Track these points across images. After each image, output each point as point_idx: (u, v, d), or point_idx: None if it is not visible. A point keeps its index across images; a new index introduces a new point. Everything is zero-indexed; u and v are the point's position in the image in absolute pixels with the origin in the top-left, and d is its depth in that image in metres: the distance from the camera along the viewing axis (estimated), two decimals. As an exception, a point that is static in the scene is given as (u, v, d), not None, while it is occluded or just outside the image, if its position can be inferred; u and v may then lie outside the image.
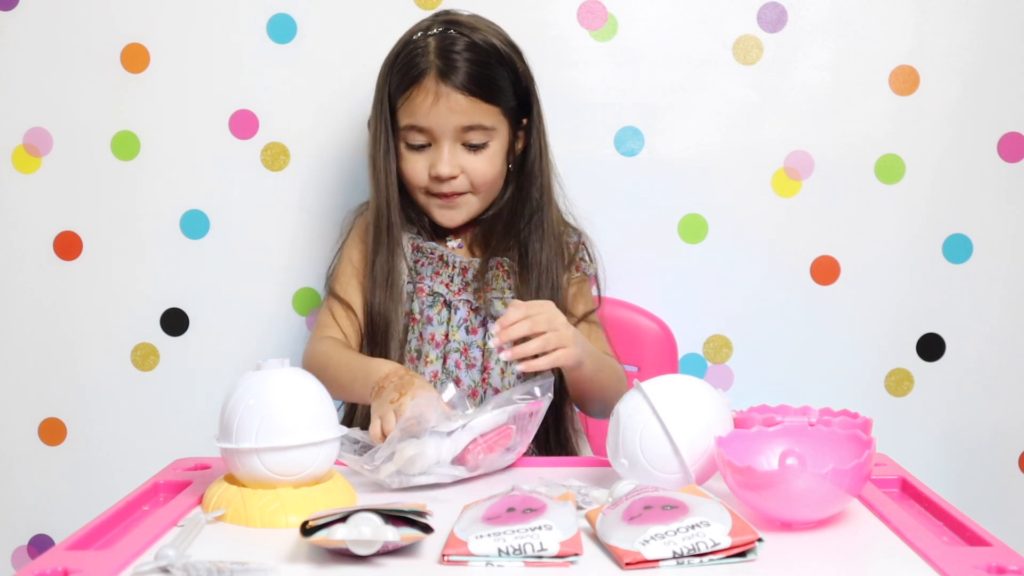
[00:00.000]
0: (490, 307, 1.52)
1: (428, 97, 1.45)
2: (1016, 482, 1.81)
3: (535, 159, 1.55)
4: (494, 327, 1.29)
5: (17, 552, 1.83)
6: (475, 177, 1.50)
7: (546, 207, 1.54)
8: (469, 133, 1.48)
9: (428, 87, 1.45)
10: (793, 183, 1.78)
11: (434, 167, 1.48)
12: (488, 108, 1.48)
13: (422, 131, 1.48)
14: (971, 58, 1.76)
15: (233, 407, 1.10)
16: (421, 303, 1.53)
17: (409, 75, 1.46)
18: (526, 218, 1.54)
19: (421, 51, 1.46)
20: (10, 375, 1.81)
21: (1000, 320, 1.79)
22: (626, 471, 1.14)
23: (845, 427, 1.14)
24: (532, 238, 1.53)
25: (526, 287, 1.51)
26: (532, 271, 1.52)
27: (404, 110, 1.48)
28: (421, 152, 1.50)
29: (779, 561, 0.95)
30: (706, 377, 1.80)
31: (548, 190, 1.55)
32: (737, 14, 1.76)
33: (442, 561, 0.94)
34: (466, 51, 1.46)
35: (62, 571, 0.91)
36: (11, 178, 1.78)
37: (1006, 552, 0.94)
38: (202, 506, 1.12)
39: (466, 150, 1.49)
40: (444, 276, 1.54)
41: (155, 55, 1.76)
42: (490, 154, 1.50)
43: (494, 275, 1.53)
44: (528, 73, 1.53)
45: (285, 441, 1.08)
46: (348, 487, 1.15)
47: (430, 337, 1.52)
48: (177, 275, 1.80)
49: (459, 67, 1.45)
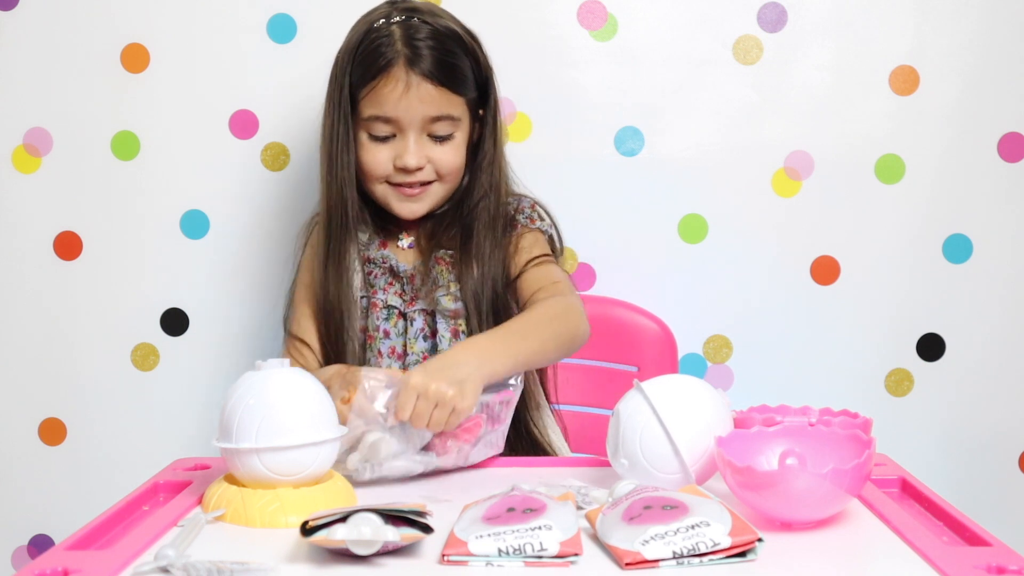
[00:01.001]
0: (437, 305, 1.48)
1: (397, 86, 1.41)
2: (1016, 482, 1.81)
3: (488, 149, 1.50)
4: None
5: (17, 552, 1.83)
6: (441, 168, 1.46)
7: (493, 196, 1.50)
8: (436, 124, 1.45)
9: (397, 76, 1.41)
10: (793, 183, 1.78)
11: (400, 158, 1.45)
12: (455, 99, 1.45)
13: (388, 121, 1.44)
14: (971, 58, 1.76)
15: (233, 407, 1.10)
16: (376, 317, 1.50)
17: (376, 64, 1.42)
18: (472, 205, 1.50)
19: (386, 40, 1.42)
20: (10, 375, 1.81)
21: (1000, 320, 1.79)
22: (626, 471, 1.14)
23: (845, 427, 1.14)
24: (478, 221, 1.48)
25: (466, 267, 1.47)
26: (473, 257, 1.47)
27: (369, 100, 1.43)
28: (384, 143, 1.46)
29: (779, 561, 0.95)
30: (706, 377, 1.80)
31: (499, 181, 1.51)
32: (737, 14, 1.76)
33: (442, 561, 0.94)
34: (433, 39, 1.43)
35: (62, 571, 0.91)
36: (11, 178, 1.78)
37: (1006, 552, 0.94)
38: (202, 506, 1.12)
39: (432, 141, 1.46)
40: (396, 287, 1.51)
41: (155, 55, 1.76)
42: (455, 145, 1.47)
43: (438, 271, 1.49)
44: (488, 63, 1.50)
45: (285, 441, 1.08)
46: (348, 487, 1.15)
47: (389, 351, 1.50)
48: (177, 275, 1.80)
49: (428, 56, 1.41)
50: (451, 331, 1.49)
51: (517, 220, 1.51)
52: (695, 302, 1.79)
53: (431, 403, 1.21)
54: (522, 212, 1.52)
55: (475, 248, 1.47)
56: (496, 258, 1.47)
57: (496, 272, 1.47)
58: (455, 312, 1.48)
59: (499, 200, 1.51)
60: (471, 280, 1.46)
